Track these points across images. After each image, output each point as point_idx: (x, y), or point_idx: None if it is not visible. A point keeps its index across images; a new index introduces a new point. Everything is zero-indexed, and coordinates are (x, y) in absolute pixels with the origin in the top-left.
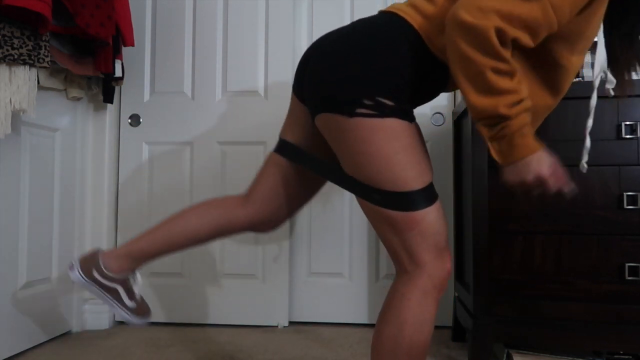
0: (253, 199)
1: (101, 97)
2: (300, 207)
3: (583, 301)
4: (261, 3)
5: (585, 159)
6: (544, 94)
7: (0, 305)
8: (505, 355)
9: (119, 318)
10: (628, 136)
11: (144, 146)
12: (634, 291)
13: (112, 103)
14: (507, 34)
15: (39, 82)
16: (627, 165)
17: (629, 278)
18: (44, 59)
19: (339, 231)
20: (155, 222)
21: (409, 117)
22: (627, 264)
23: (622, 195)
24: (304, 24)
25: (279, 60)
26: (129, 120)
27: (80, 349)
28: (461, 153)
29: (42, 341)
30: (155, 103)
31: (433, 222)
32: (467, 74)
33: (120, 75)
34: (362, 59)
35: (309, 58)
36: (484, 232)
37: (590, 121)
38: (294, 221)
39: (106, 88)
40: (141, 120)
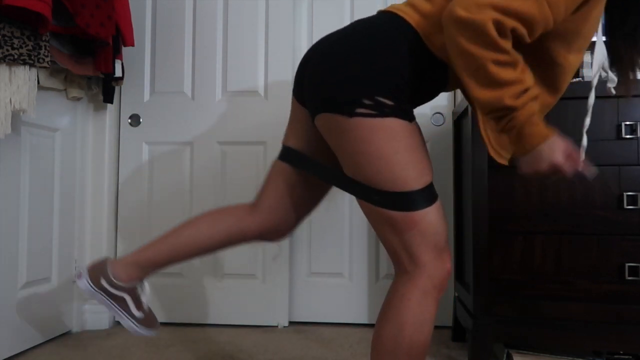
0: (260, 207)
1: (101, 97)
2: (307, 213)
3: (583, 301)
4: (261, 3)
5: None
6: (542, 92)
7: (0, 305)
8: (505, 355)
9: (125, 326)
10: (628, 136)
11: (144, 146)
12: (634, 291)
13: (112, 103)
14: (505, 24)
15: (39, 82)
16: (627, 165)
17: (629, 278)
18: (44, 59)
19: (339, 231)
20: (155, 222)
21: (409, 117)
22: (627, 264)
23: (622, 195)
24: (304, 24)
25: (279, 60)
26: (129, 120)
27: (80, 349)
28: (461, 153)
29: (42, 341)
30: (155, 103)
31: (433, 222)
32: (468, 69)
33: (120, 75)
34: (361, 59)
35: (309, 60)
36: (484, 232)
37: (587, 120)
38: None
39: (106, 88)
40: (141, 120)
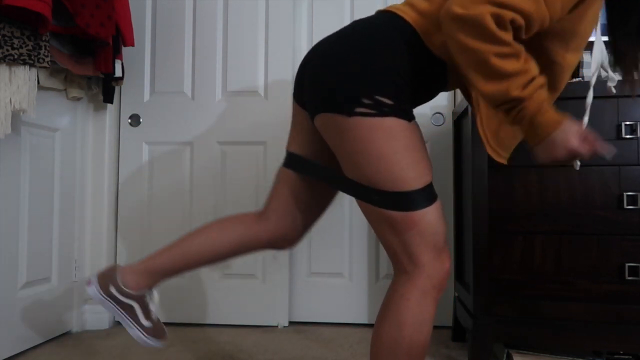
0: (268, 215)
1: (101, 97)
2: (315, 219)
3: (583, 301)
4: (261, 3)
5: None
6: None
7: (0, 305)
8: (505, 355)
9: (133, 336)
10: (628, 136)
11: (144, 146)
12: (634, 291)
13: (112, 103)
14: (504, 16)
15: (39, 82)
16: (627, 165)
17: (629, 278)
18: (44, 59)
19: (339, 231)
20: (155, 222)
21: (408, 116)
22: (627, 264)
23: (622, 195)
24: (304, 24)
25: (279, 60)
26: (129, 120)
27: (80, 349)
28: (461, 153)
29: (42, 341)
30: (155, 103)
31: (432, 222)
32: (471, 64)
33: (120, 75)
34: (360, 59)
35: (308, 62)
36: (484, 232)
37: (586, 118)
38: None
39: (106, 88)
40: (141, 120)
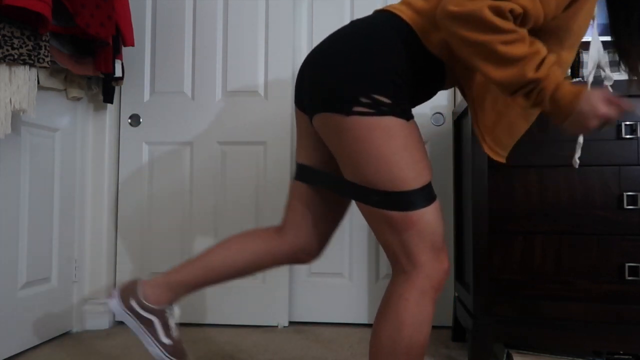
0: (286, 228)
1: (101, 97)
2: (333, 228)
3: (583, 301)
4: (261, 3)
5: (577, 154)
6: None
7: (0, 305)
8: (505, 355)
9: (153, 355)
10: (628, 136)
11: (144, 146)
12: (634, 291)
13: (112, 103)
14: (502, 7)
15: (39, 82)
16: (627, 165)
17: (629, 278)
18: (44, 59)
19: (339, 231)
20: (155, 222)
21: (407, 116)
22: (627, 264)
23: (622, 195)
24: (304, 24)
25: (279, 60)
26: (129, 120)
27: (80, 349)
28: (461, 153)
29: (42, 341)
30: (155, 103)
31: (431, 222)
32: (479, 56)
33: (120, 75)
34: (358, 59)
35: (307, 64)
36: (484, 232)
37: None
38: None
39: (106, 88)
40: (141, 120)
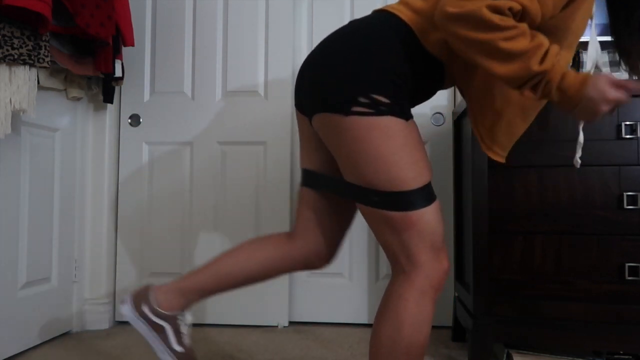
0: (296, 234)
1: (101, 97)
2: (343, 232)
3: (583, 301)
4: (261, 3)
5: (578, 154)
6: None
7: (0, 305)
8: (505, 355)
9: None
10: (628, 136)
11: (144, 146)
12: (634, 291)
13: (112, 103)
14: (500, 6)
15: (39, 82)
16: (627, 165)
17: (629, 278)
18: (44, 59)
19: None
20: (155, 222)
21: (406, 115)
22: (627, 264)
23: (622, 195)
24: (304, 24)
25: (279, 60)
26: (129, 120)
27: (80, 349)
28: (461, 153)
29: (42, 341)
30: (155, 103)
31: (430, 222)
32: (482, 53)
33: (120, 75)
34: (357, 59)
35: (307, 64)
36: (484, 232)
37: None
38: (294, 220)
39: (106, 88)
40: (141, 120)
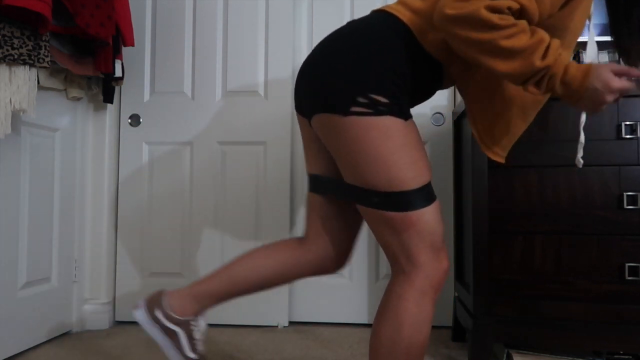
0: (308, 238)
1: (101, 97)
2: (354, 234)
3: (583, 301)
4: (261, 3)
5: (580, 154)
6: None
7: (0, 305)
8: (505, 355)
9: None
10: (628, 136)
11: (144, 146)
12: (634, 291)
13: (112, 103)
14: (499, 5)
15: (39, 82)
16: (627, 165)
17: (629, 278)
18: (44, 59)
19: None
20: (155, 222)
21: (405, 115)
22: (627, 264)
23: (622, 195)
24: (304, 24)
25: (279, 60)
26: (129, 120)
27: (80, 349)
28: (461, 153)
29: (42, 341)
30: (155, 103)
31: (430, 222)
32: (484, 53)
33: (120, 75)
34: (355, 59)
35: (307, 65)
36: (484, 232)
37: (583, 117)
38: (294, 220)
39: (106, 88)
40: (141, 120)
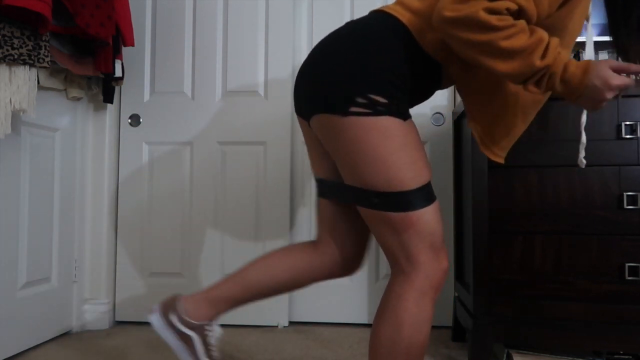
0: (321, 242)
1: (101, 97)
2: (365, 235)
3: (583, 301)
4: (261, 3)
5: (582, 154)
6: None
7: (0, 305)
8: (505, 355)
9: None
10: (628, 136)
11: (144, 146)
12: (634, 291)
13: (112, 103)
14: (497, 7)
15: (39, 82)
16: (627, 165)
17: (629, 278)
18: (44, 59)
19: None
20: (155, 222)
21: (404, 115)
22: (627, 264)
23: (622, 195)
24: (304, 24)
25: (279, 60)
26: (129, 120)
27: (80, 349)
28: (461, 153)
29: (42, 341)
30: (155, 103)
31: (430, 222)
32: (484, 54)
33: (120, 75)
34: (354, 59)
35: (306, 66)
36: (484, 232)
37: (584, 117)
38: (294, 220)
39: (106, 88)
40: (141, 120)
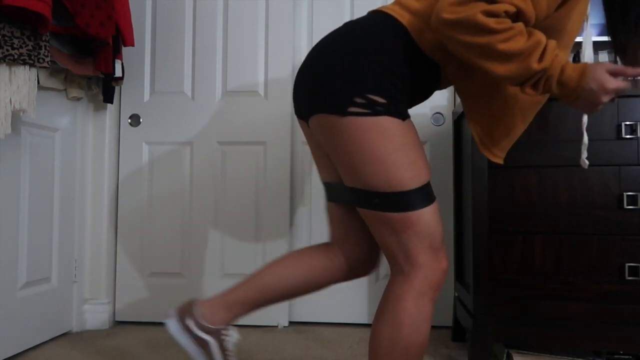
0: (335, 243)
1: (101, 97)
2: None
3: (583, 301)
4: (261, 3)
5: (584, 155)
6: None
7: (0, 305)
8: (505, 355)
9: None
10: (628, 136)
11: (144, 146)
12: (634, 291)
13: (112, 103)
14: (496, 10)
15: (39, 82)
16: (627, 165)
17: (629, 278)
18: (44, 59)
19: None
20: (155, 222)
21: (402, 115)
22: (627, 264)
23: (622, 195)
24: (304, 24)
25: (279, 60)
26: (129, 120)
27: (80, 349)
28: (461, 153)
29: (42, 341)
30: (155, 103)
31: (429, 222)
32: (481, 56)
33: (120, 75)
34: (353, 59)
35: (305, 67)
36: (484, 232)
37: (585, 117)
38: (293, 220)
39: (106, 88)
40: (141, 120)
